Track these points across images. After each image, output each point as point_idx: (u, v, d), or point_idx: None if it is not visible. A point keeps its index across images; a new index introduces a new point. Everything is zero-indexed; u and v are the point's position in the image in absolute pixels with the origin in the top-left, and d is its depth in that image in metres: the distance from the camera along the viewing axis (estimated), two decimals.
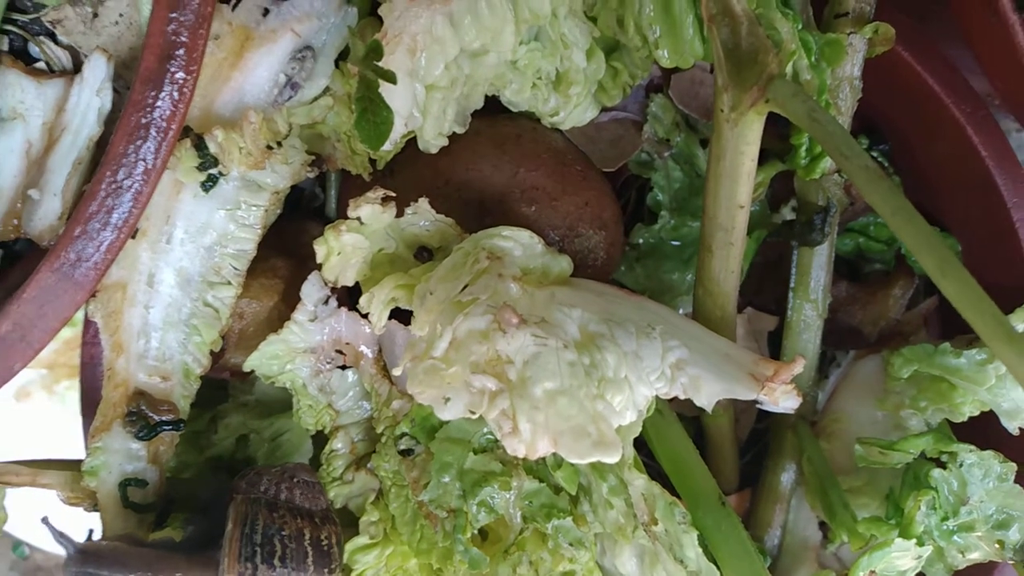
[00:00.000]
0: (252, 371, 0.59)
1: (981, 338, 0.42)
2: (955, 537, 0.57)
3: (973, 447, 0.57)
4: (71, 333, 0.87)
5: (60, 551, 0.94)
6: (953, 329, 0.68)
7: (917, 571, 0.58)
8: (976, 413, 0.60)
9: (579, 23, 0.59)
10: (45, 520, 0.53)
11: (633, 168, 0.69)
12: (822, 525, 0.65)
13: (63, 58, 0.59)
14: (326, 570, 0.53)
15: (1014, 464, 0.57)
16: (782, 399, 0.51)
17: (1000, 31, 0.55)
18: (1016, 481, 0.57)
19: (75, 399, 0.92)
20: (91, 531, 0.56)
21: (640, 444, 0.57)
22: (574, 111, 0.63)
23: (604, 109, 0.65)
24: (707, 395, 0.50)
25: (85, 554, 0.52)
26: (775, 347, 0.68)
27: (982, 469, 0.57)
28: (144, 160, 0.50)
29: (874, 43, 0.58)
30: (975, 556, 0.58)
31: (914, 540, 0.56)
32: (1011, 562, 0.58)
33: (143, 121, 0.50)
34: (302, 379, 0.59)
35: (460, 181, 0.61)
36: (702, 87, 0.67)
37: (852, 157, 0.46)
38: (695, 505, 0.56)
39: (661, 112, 0.67)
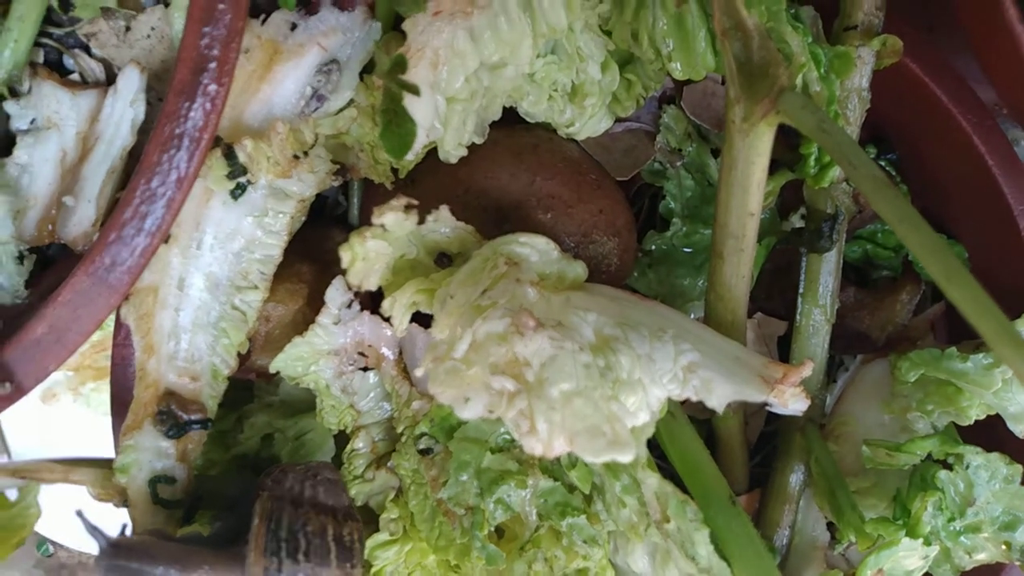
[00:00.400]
0: (277, 372, 0.60)
1: (987, 343, 0.42)
2: (962, 538, 0.58)
3: (979, 449, 0.57)
4: (98, 336, 0.88)
5: (84, 549, 0.96)
6: (960, 334, 0.68)
7: (924, 571, 0.59)
8: (982, 416, 0.60)
9: (594, 37, 0.60)
10: (79, 513, 0.54)
11: (646, 177, 0.70)
12: (830, 526, 0.65)
13: (97, 70, 0.61)
14: (348, 565, 0.54)
15: (1020, 466, 0.58)
16: (791, 401, 0.51)
17: (1006, 42, 0.55)
18: (1022, 483, 0.58)
19: (100, 401, 0.93)
20: (125, 525, 0.57)
21: (653, 445, 0.58)
22: (589, 122, 0.64)
23: (618, 120, 0.66)
24: (718, 397, 0.50)
25: (116, 547, 0.53)
26: (784, 352, 0.68)
27: (988, 471, 0.57)
28: (177, 168, 0.51)
29: (882, 55, 0.59)
30: (982, 557, 0.58)
31: (921, 540, 0.56)
32: (1017, 563, 0.58)
33: (176, 131, 0.51)
34: (325, 380, 0.60)
35: (479, 189, 0.62)
36: (714, 98, 0.67)
37: (860, 166, 0.46)
38: (706, 504, 0.56)
39: (673, 123, 0.68)
